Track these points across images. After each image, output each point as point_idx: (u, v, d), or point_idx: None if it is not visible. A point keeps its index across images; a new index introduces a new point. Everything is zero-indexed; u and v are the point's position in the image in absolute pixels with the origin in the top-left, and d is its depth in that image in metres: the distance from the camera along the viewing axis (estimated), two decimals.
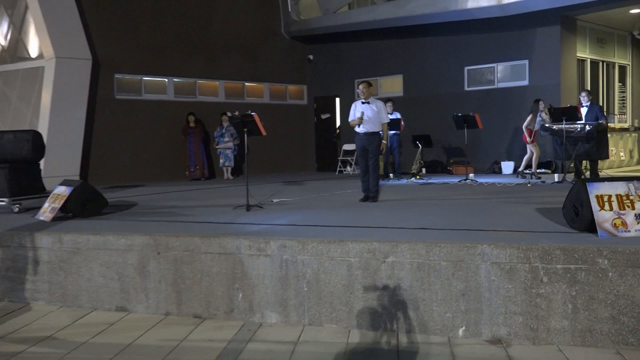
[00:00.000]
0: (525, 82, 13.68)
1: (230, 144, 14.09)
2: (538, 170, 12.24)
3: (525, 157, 11.87)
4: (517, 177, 11.59)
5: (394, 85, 15.98)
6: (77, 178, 12.06)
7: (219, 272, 5.19)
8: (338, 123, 16.89)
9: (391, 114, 12.37)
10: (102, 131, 13.46)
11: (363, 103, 8.03)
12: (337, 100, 16.91)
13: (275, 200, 8.52)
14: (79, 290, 5.64)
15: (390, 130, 12.07)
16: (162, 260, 5.39)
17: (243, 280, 5.11)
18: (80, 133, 12.62)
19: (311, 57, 17.29)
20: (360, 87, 8.11)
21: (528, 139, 11.59)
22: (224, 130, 14.07)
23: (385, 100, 12.34)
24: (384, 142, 7.94)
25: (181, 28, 14.74)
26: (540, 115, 11.42)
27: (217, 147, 14.19)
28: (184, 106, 14.60)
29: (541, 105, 11.49)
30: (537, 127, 11.47)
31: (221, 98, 15.69)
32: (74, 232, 5.77)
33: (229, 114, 14.20)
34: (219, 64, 15.50)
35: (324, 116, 17.07)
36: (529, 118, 11.56)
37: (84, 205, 6.98)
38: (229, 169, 14.30)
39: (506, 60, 14.02)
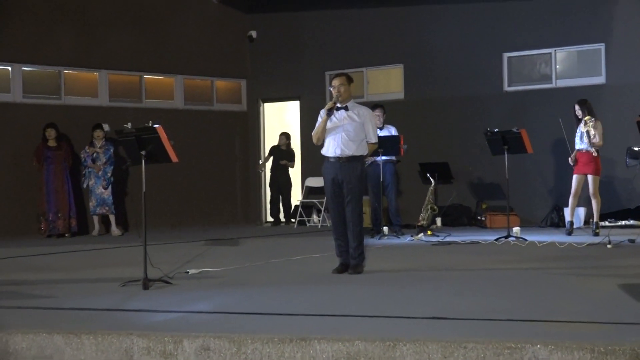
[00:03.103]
0: (601, 79, 14.03)
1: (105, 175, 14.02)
2: (626, 222, 12.43)
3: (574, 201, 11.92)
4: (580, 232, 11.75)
5: (389, 81, 16.20)
6: None
7: None
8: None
9: (381, 128, 12.46)
10: None
11: (337, 109, 8.12)
12: (297, 104, 17.03)
13: (191, 271, 8.46)
14: None
15: (383, 155, 12.17)
16: None
17: None
18: None
19: (254, 34, 17.42)
20: (335, 82, 8.18)
21: (572, 163, 11.81)
22: (94, 155, 13.97)
23: (373, 107, 12.48)
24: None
25: None
26: (580, 128, 11.65)
27: (84, 182, 14.11)
28: (39, 113, 14.49)
29: (578, 110, 11.74)
30: (582, 144, 11.70)
31: (103, 100, 15.62)
32: None
33: (106, 127, 14.01)
34: (101, 44, 15.46)
35: None
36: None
37: None
38: (113, 219, 14.16)
39: (570, 43, 14.37)
